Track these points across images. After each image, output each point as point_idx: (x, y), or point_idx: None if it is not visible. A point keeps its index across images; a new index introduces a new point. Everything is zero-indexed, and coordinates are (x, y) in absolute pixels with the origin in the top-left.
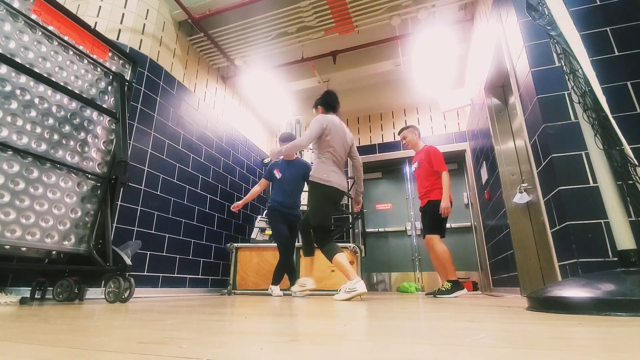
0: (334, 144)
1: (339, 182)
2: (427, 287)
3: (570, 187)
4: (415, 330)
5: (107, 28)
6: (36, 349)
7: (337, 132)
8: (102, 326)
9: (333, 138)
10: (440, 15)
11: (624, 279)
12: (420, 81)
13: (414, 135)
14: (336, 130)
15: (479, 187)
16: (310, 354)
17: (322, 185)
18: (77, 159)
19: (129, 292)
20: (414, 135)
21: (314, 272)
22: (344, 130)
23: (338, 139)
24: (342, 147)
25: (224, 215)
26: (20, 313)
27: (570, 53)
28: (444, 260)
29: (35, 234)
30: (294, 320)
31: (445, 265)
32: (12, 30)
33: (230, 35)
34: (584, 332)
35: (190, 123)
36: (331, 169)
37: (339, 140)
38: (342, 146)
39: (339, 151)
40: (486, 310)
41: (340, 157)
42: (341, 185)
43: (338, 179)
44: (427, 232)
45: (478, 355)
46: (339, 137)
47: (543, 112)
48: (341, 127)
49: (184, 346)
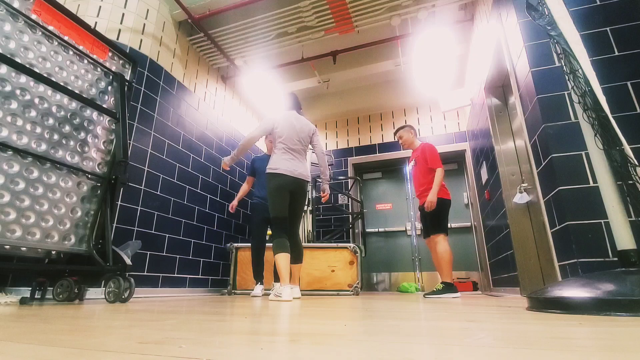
0: (283, 134)
1: (291, 169)
2: (427, 287)
3: (570, 187)
4: (415, 330)
5: (107, 28)
6: (36, 349)
7: (287, 124)
8: (102, 326)
9: (282, 129)
10: (440, 15)
11: (624, 279)
12: (420, 81)
13: (410, 134)
14: (286, 122)
15: (479, 187)
16: (310, 354)
17: (271, 175)
18: (77, 159)
19: (129, 292)
20: (410, 134)
21: (313, 271)
22: (299, 121)
23: (288, 129)
24: (295, 136)
25: (224, 215)
26: (20, 313)
27: (570, 53)
28: (442, 260)
29: (35, 234)
30: (294, 320)
31: (443, 266)
32: (12, 30)
33: (230, 35)
34: (584, 332)
35: (190, 123)
36: (282, 158)
37: (288, 131)
38: (295, 136)
39: (292, 140)
40: (486, 310)
41: (293, 145)
42: (294, 171)
43: (289, 165)
44: (430, 232)
45: (478, 355)
46: (289, 128)
47: (543, 112)
48: (292, 119)
49: (184, 346)
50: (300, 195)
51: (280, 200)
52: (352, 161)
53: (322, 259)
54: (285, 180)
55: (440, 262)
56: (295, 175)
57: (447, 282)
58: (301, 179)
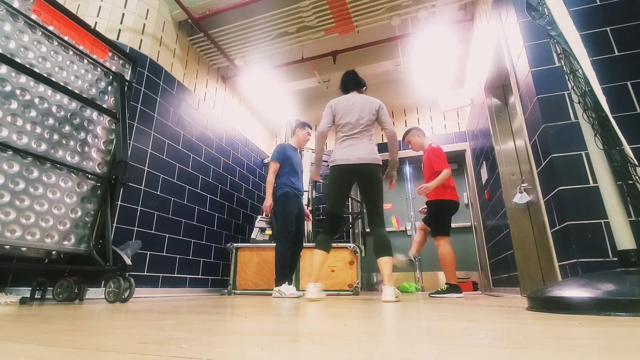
0: (343, 121)
1: (347, 156)
2: (427, 287)
3: (570, 187)
4: (415, 330)
5: (107, 28)
6: (36, 349)
7: (347, 107)
8: (102, 326)
9: (343, 116)
10: (440, 15)
11: (624, 279)
12: (420, 81)
13: (417, 137)
14: (345, 106)
15: (479, 187)
16: (310, 354)
17: (330, 169)
18: (77, 159)
19: (129, 292)
20: (417, 137)
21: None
22: (359, 101)
23: (349, 114)
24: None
25: (224, 215)
26: (20, 313)
27: (570, 53)
28: (444, 262)
29: (35, 234)
30: (294, 320)
31: (445, 268)
32: (12, 30)
33: (230, 35)
34: (584, 332)
35: (190, 123)
36: (339, 148)
37: (349, 115)
38: (354, 118)
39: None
40: (486, 310)
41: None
42: (351, 157)
43: (346, 153)
44: (433, 234)
45: (478, 355)
46: (350, 111)
47: (543, 112)
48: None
49: (184, 346)
50: (367, 181)
51: (335, 195)
52: None
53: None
54: (342, 170)
55: (443, 264)
56: (354, 161)
57: (452, 283)
58: (363, 163)
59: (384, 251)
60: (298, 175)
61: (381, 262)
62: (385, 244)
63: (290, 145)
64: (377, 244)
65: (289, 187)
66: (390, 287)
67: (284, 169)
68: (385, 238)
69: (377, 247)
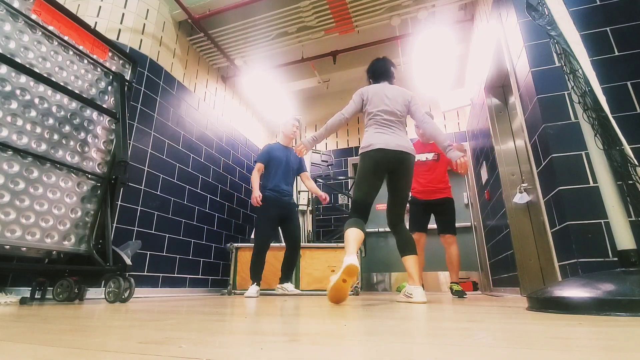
0: (374, 109)
1: (386, 142)
2: (427, 287)
3: (570, 187)
4: (415, 330)
5: (107, 28)
6: (36, 349)
7: (378, 95)
8: (102, 326)
9: (373, 103)
10: (440, 15)
11: (624, 279)
12: (420, 81)
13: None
14: (376, 94)
15: (479, 187)
16: (310, 354)
17: (363, 155)
18: (77, 159)
19: (129, 292)
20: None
21: (313, 271)
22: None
23: (379, 101)
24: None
25: (224, 215)
26: (20, 313)
27: (570, 53)
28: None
29: (35, 234)
30: (294, 320)
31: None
32: (12, 30)
33: (230, 35)
34: (584, 332)
35: (190, 123)
36: (374, 132)
37: (380, 103)
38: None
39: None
40: (486, 310)
41: (388, 117)
42: (389, 143)
43: (385, 139)
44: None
45: (478, 355)
46: (380, 100)
47: (543, 112)
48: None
49: (184, 346)
50: (403, 172)
51: (370, 183)
52: (352, 161)
53: (322, 259)
54: (383, 155)
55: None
56: (393, 147)
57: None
58: (402, 151)
59: (410, 250)
60: (286, 175)
61: (407, 260)
62: (413, 242)
63: (279, 145)
64: (403, 241)
65: (269, 191)
66: (420, 287)
67: (270, 169)
68: (410, 236)
69: (403, 245)
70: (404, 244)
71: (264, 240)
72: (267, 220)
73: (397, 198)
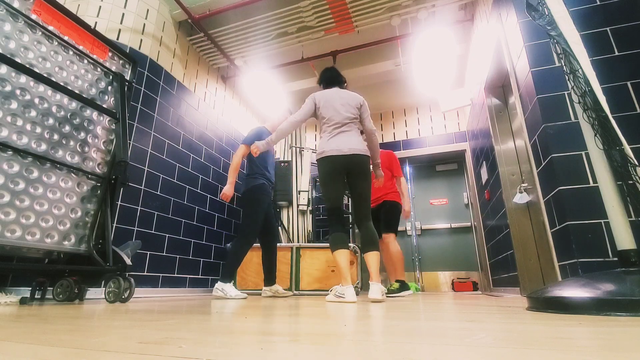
0: (327, 114)
1: (340, 147)
2: (427, 287)
3: (570, 187)
4: (415, 330)
5: (107, 28)
6: (36, 349)
7: (330, 100)
8: (102, 326)
9: (326, 108)
10: (440, 15)
11: (624, 279)
12: (420, 81)
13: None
14: (331, 99)
15: (479, 187)
16: (310, 354)
17: (319, 162)
18: (77, 159)
19: (129, 292)
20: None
21: (313, 271)
22: (343, 96)
23: (331, 108)
24: (340, 111)
25: (224, 215)
26: (20, 313)
27: (570, 53)
28: (398, 260)
29: (35, 234)
30: (294, 320)
31: (399, 265)
32: (12, 30)
33: (230, 35)
34: (584, 332)
35: (190, 123)
36: (328, 138)
37: (331, 109)
38: (340, 111)
39: (338, 116)
40: (486, 310)
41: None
42: (342, 148)
43: (337, 143)
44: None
45: (478, 355)
46: (333, 105)
47: (543, 112)
48: (337, 94)
49: (184, 346)
50: (359, 173)
51: (333, 188)
52: None
53: (322, 259)
54: (335, 161)
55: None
56: (346, 152)
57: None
58: (355, 153)
59: (372, 245)
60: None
61: (369, 256)
62: (374, 239)
63: (267, 130)
64: (365, 238)
65: (265, 180)
66: (378, 284)
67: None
68: (373, 232)
69: (364, 242)
70: (365, 240)
71: (255, 234)
72: (262, 211)
73: (358, 198)
